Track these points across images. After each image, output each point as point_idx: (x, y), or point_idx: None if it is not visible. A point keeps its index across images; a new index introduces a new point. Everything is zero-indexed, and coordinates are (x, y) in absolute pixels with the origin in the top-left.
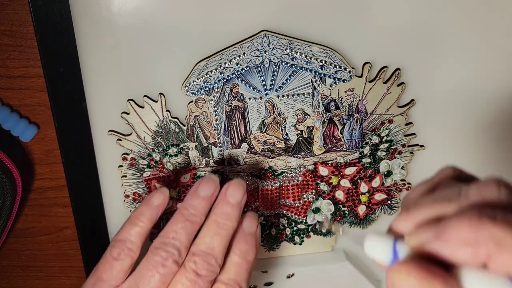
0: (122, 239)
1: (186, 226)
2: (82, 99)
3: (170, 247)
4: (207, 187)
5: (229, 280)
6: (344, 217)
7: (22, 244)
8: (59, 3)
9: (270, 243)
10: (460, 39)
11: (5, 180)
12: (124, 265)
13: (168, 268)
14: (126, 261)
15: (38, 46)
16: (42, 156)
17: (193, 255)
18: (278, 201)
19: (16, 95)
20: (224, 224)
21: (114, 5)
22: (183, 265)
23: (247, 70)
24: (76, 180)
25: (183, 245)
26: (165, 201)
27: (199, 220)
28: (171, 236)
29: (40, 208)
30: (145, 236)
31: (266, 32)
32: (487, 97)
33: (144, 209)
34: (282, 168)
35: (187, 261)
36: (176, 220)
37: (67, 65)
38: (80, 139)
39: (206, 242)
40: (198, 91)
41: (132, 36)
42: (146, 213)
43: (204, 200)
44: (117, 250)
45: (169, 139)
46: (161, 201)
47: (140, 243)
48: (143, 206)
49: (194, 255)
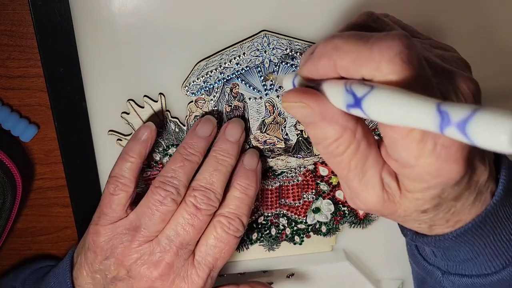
0: (115, 175)
1: (185, 165)
2: (82, 99)
3: (169, 186)
4: (205, 127)
5: (229, 214)
6: (344, 217)
7: (22, 244)
8: (59, 3)
9: (270, 243)
10: (460, 39)
11: (5, 180)
12: (120, 200)
13: (166, 207)
14: (122, 195)
15: (38, 46)
16: (42, 156)
17: (193, 190)
18: (278, 201)
19: (16, 95)
20: (223, 161)
21: (114, 5)
22: (184, 200)
23: (247, 70)
24: (76, 180)
25: (181, 184)
26: (152, 135)
27: (197, 159)
28: (169, 175)
29: (40, 208)
30: (137, 170)
31: (266, 32)
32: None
33: (132, 144)
34: (282, 168)
35: (187, 196)
36: (175, 160)
37: (67, 65)
38: (80, 139)
39: (206, 178)
40: (198, 91)
41: (132, 36)
42: (135, 148)
43: (202, 139)
44: (112, 186)
45: (169, 139)
46: (148, 135)
47: (133, 178)
48: (131, 142)
49: (194, 190)
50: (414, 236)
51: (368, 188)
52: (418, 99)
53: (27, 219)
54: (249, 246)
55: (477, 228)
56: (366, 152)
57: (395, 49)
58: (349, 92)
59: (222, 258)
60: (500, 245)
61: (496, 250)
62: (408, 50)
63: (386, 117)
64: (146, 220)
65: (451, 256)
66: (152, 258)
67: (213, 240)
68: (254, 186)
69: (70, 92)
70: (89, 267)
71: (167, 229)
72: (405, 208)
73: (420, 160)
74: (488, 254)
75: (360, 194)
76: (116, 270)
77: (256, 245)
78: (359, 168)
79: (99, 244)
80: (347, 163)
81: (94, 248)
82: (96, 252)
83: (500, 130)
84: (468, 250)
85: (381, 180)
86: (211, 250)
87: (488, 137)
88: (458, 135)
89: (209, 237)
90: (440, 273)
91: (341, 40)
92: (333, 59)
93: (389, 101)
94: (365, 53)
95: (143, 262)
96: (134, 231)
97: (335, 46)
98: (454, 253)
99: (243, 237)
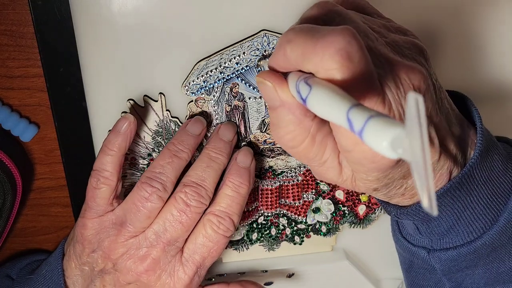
0: (96, 168)
1: (173, 161)
2: (82, 99)
3: (156, 182)
4: (195, 126)
5: (220, 212)
6: (344, 217)
7: (22, 244)
8: (59, 3)
9: (270, 243)
10: (461, 40)
11: (5, 180)
12: (103, 193)
13: (152, 203)
14: (104, 189)
15: (38, 46)
16: (42, 156)
17: (184, 186)
18: (278, 201)
19: (16, 95)
20: (216, 158)
21: (114, 5)
22: (174, 195)
23: (247, 70)
24: (76, 180)
25: (169, 180)
26: (132, 127)
27: (186, 156)
28: (157, 171)
29: (40, 208)
30: (119, 163)
31: (266, 32)
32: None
33: (111, 137)
34: (282, 167)
35: (178, 192)
36: (163, 156)
37: (67, 65)
38: (80, 139)
39: (198, 173)
40: (198, 90)
41: (132, 36)
42: (114, 141)
43: (192, 137)
44: (94, 179)
45: (169, 138)
46: (127, 127)
47: (115, 171)
48: (111, 135)
49: (185, 185)
50: (398, 211)
51: (328, 171)
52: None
53: (27, 219)
54: (249, 246)
55: (454, 189)
56: (323, 143)
57: (336, 46)
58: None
59: (211, 257)
60: (478, 208)
61: (475, 213)
62: (349, 46)
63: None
64: (131, 216)
65: (434, 227)
66: (139, 252)
67: (202, 239)
68: (247, 184)
69: (70, 92)
70: (78, 259)
71: (155, 224)
72: (359, 187)
73: (356, 147)
74: (467, 217)
75: (322, 175)
76: (103, 263)
77: (256, 245)
78: (318, 157)
79: (87, 237)
80: (306, 155)
81: (82, 240)
82: (84, 244)
83: (383, 137)
84: (449, 214)
85: (340, 164)
86: (199, 249)
87: (375, 142)
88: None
89: (198, 235)
90: (425, 252)
91: (293, 33)
92: (286, 52)
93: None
94: (310, 48)
95: (129, 256)
96: (120, 226)
97: (288, 39)
98: (436, 223)
99: (243, 237)
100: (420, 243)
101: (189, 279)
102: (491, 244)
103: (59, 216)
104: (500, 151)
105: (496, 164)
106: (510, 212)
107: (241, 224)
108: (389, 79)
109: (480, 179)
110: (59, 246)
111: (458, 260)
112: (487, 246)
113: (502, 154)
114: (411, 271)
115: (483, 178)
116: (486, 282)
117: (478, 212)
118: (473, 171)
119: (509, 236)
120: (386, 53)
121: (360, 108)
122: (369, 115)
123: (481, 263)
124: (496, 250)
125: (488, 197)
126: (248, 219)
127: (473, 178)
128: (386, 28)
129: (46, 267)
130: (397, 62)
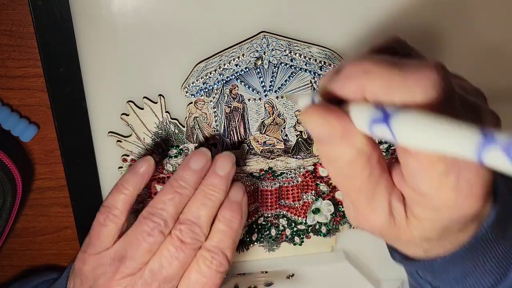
0: (108, 205)
1: (175, 197)
2: (82, 99)
3: (157, 217)
4: (199, 160)
5: (213, 247)
6: (344, 218)
7: (22, 244)
8: (59, 3)
9: (270, 244)
10: (461, 41)
11: (5, 180)
12: (110, 231)
13: (154, 238)
14: (111, 227)
15: (38, 46)
16: (42, 156)
17: (179, 224)
18: (278, 201)
19: (16, 95)
20: (211, 195)
21: (114, 5)
22: (170, 233)
23: (247, 71)
24: (76, 180)
25: (170, 216)
26: (150, 169)
27: (188, 192)
28: (159, 207)
29: (40, 208)
30: (131, 202)
31: (265, 33)
32: None
33: (130, 176)
34: (282, 169)
35: (173, 229)
36: (165, 191)
37: (67, 65)
38: (80, 139)
39: (193, 211)
40: (198, 92)
41: (132, 36)
42: (131, 181)
43: (194, 172)
44: (103, 216)
45: (169, 140)
46: (146, 168)
47: (126, 210)
48: (128, 174)
49: (180, 223)
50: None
51: (375, 212)
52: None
53: (27, 219)
54: (249, 247)
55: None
56: (378, 177)
57: (431, 79)
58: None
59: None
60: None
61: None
62: (443, 81)
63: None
64: (132, 251)
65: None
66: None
67: (195, 275)
68: (238, 218)
69: (70, 92)
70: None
71: (151, 262)
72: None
73: (440, 192)
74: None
75: (366, 216)
76: None
77: (256, 246)
78: (369, 192)
79: (84, 272)
80: (358, 187)
81: (80, 276)
82: (82, 280)
83: None
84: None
85: (390, 205)
86: (193, 285)
87: None
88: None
89: (192, 271)
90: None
91: (372, 64)
92: (362, 82)
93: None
94: (398, 80)
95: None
96: (119, 262)
97: (365, 69)
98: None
99: (243, 238)
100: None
101: None
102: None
103: (59, 216)
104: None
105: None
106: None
107: None
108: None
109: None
110: (64, 274)
111: None
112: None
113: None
114: None
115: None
116: None
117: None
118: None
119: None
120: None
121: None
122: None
123: None
124: None
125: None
126: (248, 220)
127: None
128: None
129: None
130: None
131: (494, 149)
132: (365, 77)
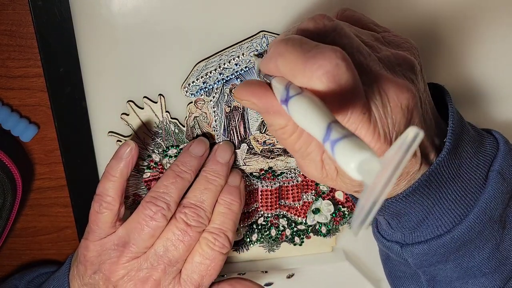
0: (99, 193)
1: (177, 182)
2: (82, 99)
3: (160, 201)
4: (198, 147)
5: (215, 229)
6: (344, 218)
7: (22, 244)
8: (59, 3)
9: (270, 244)
10: (461, 41)
11: (5, 180)
12: (106, 218)
13: (157, 222)
14: (106, 214)
15: (38, 46)
16: (42, 156)
17: (184, 207)
18: (278, 201)
19: (16, 95)
20: (214, 180)
21: (114, 5)
22: (174, 216)
23: (246, 71)
24: (76, 180)
25: (172, 200)
26: (133, 153)
27: (189, 177)
28: (161, 191)
29: (40, 208)
30: (121, 188)
31: (265, 33)
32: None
33: (114, 163)
34: (282, 168)
35: (178, 212)
36: (167, 176)
37: (67, 65)
38: (80, 139)
39: (197, 196)
40: (198, 92)
41: (132, 36)
42: (116, 167)
43: (195, 158)
44: (97, 204)
45: (169, 140)
46: (128, 153)
47: (118, 196)
48: (112, 160)
49: (185, 207)
50: None
51: (310, 165)
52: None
53: (27, 219)
54: (249, 247)
55: (423, 187)
56: (308, 138)
57: (324, 68)
58: (286, 89)
59: (209, 275)
60: (447, 204)
61: (444, 208)
62: (336, 69)
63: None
64: (135, 236)
65: (404, 222)
66: (139, 274)
67: (198, 257)
68: (238, 201)
69: (70, 92)
70: (80, 279)
71: (156, 245)
72: (340, 186)
73: None
74: (437, 212)
75: (303, 168)
76: (104, 285)
77: (256, 246)
78: (303, 150)
79: (89, 258)
80: (292, 145)
81: (84, 262)
82: (86, 266)
83: (352, 159)
84: (418, 210)
85: (322, 161)
86: (196, 268)
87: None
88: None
89: (195, 254)
90: (398, 247)
91: (285, 47)
92: (277, 63)
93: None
94: (300, 67)
95: (129, 278)
96: (122, 247)
97: (279, 52)
98: (406, 218)
99: (243, 238)
100: (393, 238)
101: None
102: (460, 238)
103: (59, 216)
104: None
105: (465, 161)
106: (479, 209)
107: (241, 225)
108: (377, 98)
109: (449, 176)
110: (67, 262)
111: (429, 254)
112: (456, 241)
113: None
114: (388, 263)
115: (451, 175)
116: (458, 276)
117: (448, 207)
118: (440, 169)
119: (478, 231)
120: (377, 70)
121: (337, 126)
122: (343, 134)
123: (452, 258)
124: (466, 245)
125: (457, 193)
126: (248, 220)
127: (441, 175)
128: (379, 41)
129: (54, 283)
130: (387, 80)
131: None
132: (278, 59)
